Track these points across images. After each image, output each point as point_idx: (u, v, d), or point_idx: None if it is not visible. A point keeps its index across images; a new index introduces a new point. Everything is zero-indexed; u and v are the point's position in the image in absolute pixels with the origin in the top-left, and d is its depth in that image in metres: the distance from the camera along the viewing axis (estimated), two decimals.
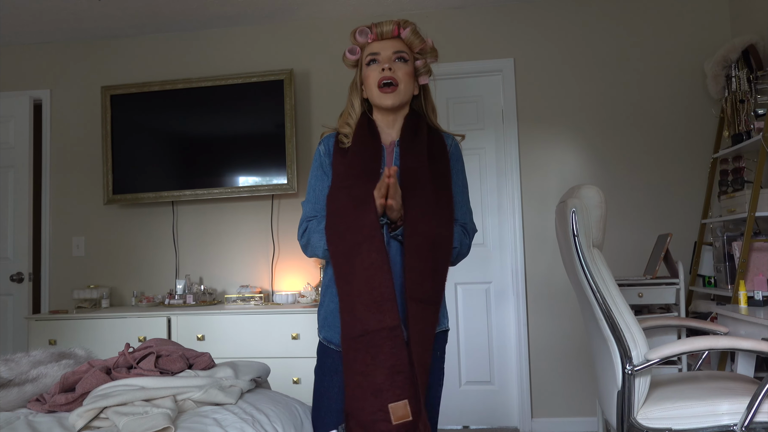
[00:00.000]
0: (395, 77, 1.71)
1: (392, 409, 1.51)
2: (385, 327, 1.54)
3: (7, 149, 4.03)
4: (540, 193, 3.71)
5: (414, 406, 1.52)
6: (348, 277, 1.59)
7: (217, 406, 1.71)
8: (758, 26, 3.25)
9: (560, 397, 3.60)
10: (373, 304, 1.55)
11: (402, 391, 1.52)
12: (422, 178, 1.66)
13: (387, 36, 1.75)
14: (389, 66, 1.71)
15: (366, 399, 1.53)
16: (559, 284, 3.61)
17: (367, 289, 1.55)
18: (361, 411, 1.54)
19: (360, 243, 1.58)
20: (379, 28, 1.74)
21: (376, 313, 1.54)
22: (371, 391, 1.53)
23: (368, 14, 3.82)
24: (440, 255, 1.63)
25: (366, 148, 1.72)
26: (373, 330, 1.54)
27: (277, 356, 3.23)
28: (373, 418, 1.51)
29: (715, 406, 1.87)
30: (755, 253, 2.81)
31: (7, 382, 1.85)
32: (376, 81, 1.72)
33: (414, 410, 1.52)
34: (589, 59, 3.71)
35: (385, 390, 1.52)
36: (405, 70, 1.73)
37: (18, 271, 3.97)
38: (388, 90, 1.71)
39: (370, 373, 1.54)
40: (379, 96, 1.73)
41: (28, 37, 4.04)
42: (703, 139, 3.56)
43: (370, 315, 1.55)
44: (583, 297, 2.05)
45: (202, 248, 3.95)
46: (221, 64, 3.98)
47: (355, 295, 1.57)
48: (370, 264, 1.56)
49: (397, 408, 1.51)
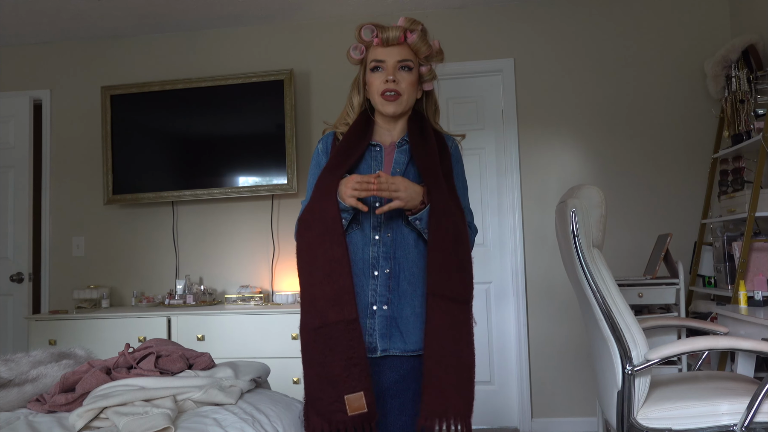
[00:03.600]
0: (398, 89, 1.69)
1: (348, 400, 1.54)
2: (343, 320, 1.57)
3: (7, 149, 4.03)
4: (540, 193, 3.71)
5: (369, 398, 1.54)
6: (310, 269, 1.62)
7: (217, 406, 1.71)
8: (758, 26, 3.25)
9: (560, 397, 3.59)
10: (333, 296, 1.58)
11: (357, 383, 1.54)
12: (439, 174, 1.67)
13: (392, 43, 1.70)
14: (393, 77, 1.69)
15: (324, 389, 1.57)
16: (559, 284, 3.61)
17: (328, 282, 1.58)
18: (319, 400, 1.57)
19: (323, 235, 1.60)
20: (384, 33, 1.70)
21: (335, 305, 1.57)
22: (328, 381, 1.56)
23: (368, 14, 3.82)
24: (461, 249, 1.64)
25: (349, 146, 1.72)
26: (332, 322, 1.57)
27: (277, 356, 3.23)
28: (331, 408, 1.55)
29: (715, 406, 1.87)
30: (755, 253, 2.81)
31: (7, 382, 1.85)
32: (379, 89, 1.70)
33: (369, 402, 1.54)
34: (589, 59, 3.71)
35: (342, 381, 1.55)
36: (409, 79, 1.71)
37: (18, 271, 3.97)
38: (391, 99, 1.70)
39: (327, 363, 1.56)
40: (381, 103, 1.72)
41: (28, 37, 4.04)
42: (703, 139, 3.55)
43: (329, 307, 1.58)
44: (583, 297, 2.05)
45: (202, 248, 3.95)
46: (221, 64, 3.98)
47: (316, 286, 1.60)
48: (332, 257, 1.59)
49: (352, 399, 1.54)
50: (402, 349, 1.65)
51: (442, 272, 1.60)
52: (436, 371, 1.57)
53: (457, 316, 1.60)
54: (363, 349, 1.57)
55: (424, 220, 1.62)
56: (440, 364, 1.57)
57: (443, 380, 1.56)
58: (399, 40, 1.70)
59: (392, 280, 1.67)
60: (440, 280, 1.60)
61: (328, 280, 1.58)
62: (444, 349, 1.58)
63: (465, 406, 1.58)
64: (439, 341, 1.58)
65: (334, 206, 1.60)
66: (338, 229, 1.60)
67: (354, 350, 1.56)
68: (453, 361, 1.58)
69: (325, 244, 1.60)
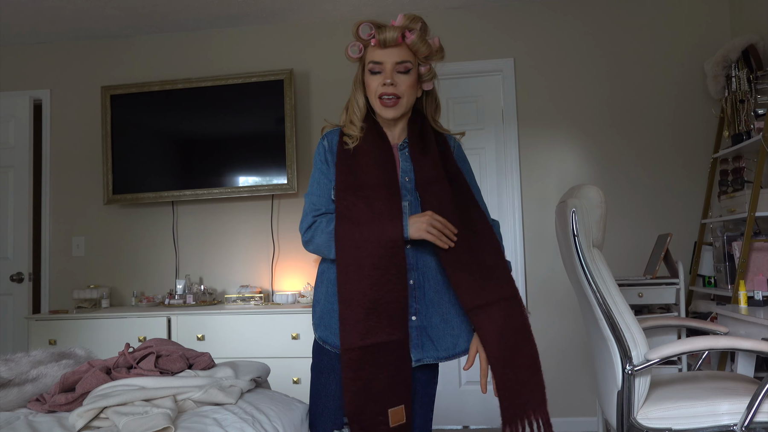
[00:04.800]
0: (397, 92, 1.66)
1: (391, 413, 1.59)
2: (394, 340, 1.60)
3: (7, 149, 4.03)
4: (540, 193, 3.71)
5: (408, 409, 1.62)
6: (359, 287, 1.60)
7: (217, 406, 1.71)
8: (758, 26, 3.25)
9: (560, 397, 3.59)
10: (387, 317, 1.59)
11: (399, 397, 1.60)
12: (442, 183, 1.67)
13: (390, 44, 1.65)
14: (391, 80, 1.65)
15: (366, 404, 1.59)
16: (559, 284, 3.61)
17: (384, 302, 1.59)
18: (362, 415, 1.59)
19: (381, 256, 1.60)
20: (382, 34, 1.65)
21: (387, 326, 1.59)
22: (371, 396, 1.59)
23: (368, 14, 3.82)
24: (484, 252, 1.66)
25: (380, 154, 1.70)
26: (383, 342, 1.59)
27: (277, 356, 3.23)
28: (374, 422, 1.58)
29: (715, 406, 1.87)
30: (755, 253, 2.81)
31: (7, 382, 1.85)
32: (377, 92, 1.67)
33: (409, 413, 1.61)
34: (589, 59, 3.71)
35: (385, 396, 1.59)
36: (408, 82, 1.67)
37: (18, 271, 3.97)
38: (389, 104, 1.67)
39: (372, 379, 1.59)
40: (380, 107, 1.69)
41: (28, 37, 4.04)
42: (703, 139, 3.55)
43: (381, 327, 1.59)
44: (583, 297, 2.05)
45: (202, 248, 3.95)
46: (221, 64, 3.98)
47: (368, 305, 1.59)
48: (390, 279, 1.59)
49: (395, 413, 1.59)
50: (435, 357, 1.70)
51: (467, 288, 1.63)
52: (504, 376, 1.63)
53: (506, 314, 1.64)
54: (409, 366, 1.62)
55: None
56: (506, 367, 1.63)
57: (513, 381, 1.63)
58: (397, 41, 1.66)
59: (417, 290, 1.68)
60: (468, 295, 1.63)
61: (383, 300, 1.60)
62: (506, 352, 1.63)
63: (538, 399, 1.64)
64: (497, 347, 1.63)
65: (399, 230, 1.61)
66: (400, 254, 1.61)
67: (399, 369, 1.61)
68: (518, 359, 1.64)
69: (383, 265, 1.60)
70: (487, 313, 1.62)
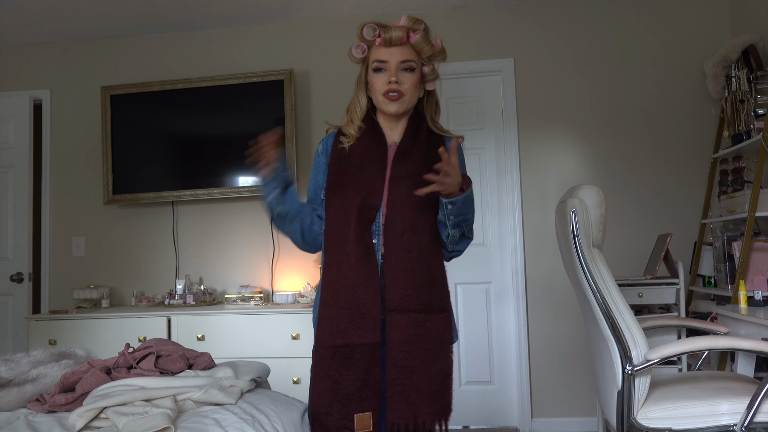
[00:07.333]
0: (401, 89, 1.69)
1: (357, 418, 1.58)
2: (366, 343, 1.60)
3: (7, 149, 4.03)
4: (540, 193, 3.71)
5: (376, 417, 1.60)
6: (336, 288, 1.63)
7: (217, 406, 1.71)
8: (758, 26, 3.25)
9: (560, 397, 3.59)
10: (360, 319, 1.60)
11: (368, 403, 1.60)
12: (411, 182, 1.65)
13: (395, 43, 1.69)
14: (396, 78, 1.68)
15: (332, 405, 1.60)
16: (559, 284, 3.61)
17: (356, 305, 1.60)
18: (327, 415, 1.60)
19: (358, 258, 1.62)
20: (387, 33, 1.68)
21: (360, 329, 1.60)
22: (339, 398, 1.59)
23: (368, 14, 3.82)
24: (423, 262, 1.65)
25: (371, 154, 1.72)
26: (354, 344, 1.60)
27: (277, 356, 3.23)
28: (338, 425, 1.59)
29: (715, 406, 1.87)
30: (755, 253, 2.81)
31: (7, 382, 1.85)
32: (381, 90, 1.70)
33: (375, 421, 1.60)
34: (589, 59, 3.71)
35: (354, 400, 1.59)
36: (412, 80, 1.70)
37: (18, 271, 3.97)
38: (393, 98, 1.69)
39: (341, 381, 1.60)
40: (384, 102, 1.71)
41: (28, 37, 4.04)
42: (703, 139, 3.55)
43: (354, 329, 1.60)
44: (583, 297, 2.05)
45: (202, 248, 3.95)
46: (221, 64, 3.98)
47: (342, 306, 1.61)
48: (363, 280, 1.61)
49: (361, 418, 1.59)
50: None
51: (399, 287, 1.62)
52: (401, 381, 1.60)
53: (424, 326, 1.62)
54: (379, 372, 1.61)
55: (456, 206, 1.62)
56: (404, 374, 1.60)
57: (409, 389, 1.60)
58: (402, 41, 1.69)
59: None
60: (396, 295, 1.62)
61: (356, 302, 1.60)
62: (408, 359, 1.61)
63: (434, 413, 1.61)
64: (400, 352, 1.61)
65: (368, 234, 1.64)
66: (372, 254, 1.62)
67: (370, 373, 1.60)
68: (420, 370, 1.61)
69: (358, 265, 1.61)
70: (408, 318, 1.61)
